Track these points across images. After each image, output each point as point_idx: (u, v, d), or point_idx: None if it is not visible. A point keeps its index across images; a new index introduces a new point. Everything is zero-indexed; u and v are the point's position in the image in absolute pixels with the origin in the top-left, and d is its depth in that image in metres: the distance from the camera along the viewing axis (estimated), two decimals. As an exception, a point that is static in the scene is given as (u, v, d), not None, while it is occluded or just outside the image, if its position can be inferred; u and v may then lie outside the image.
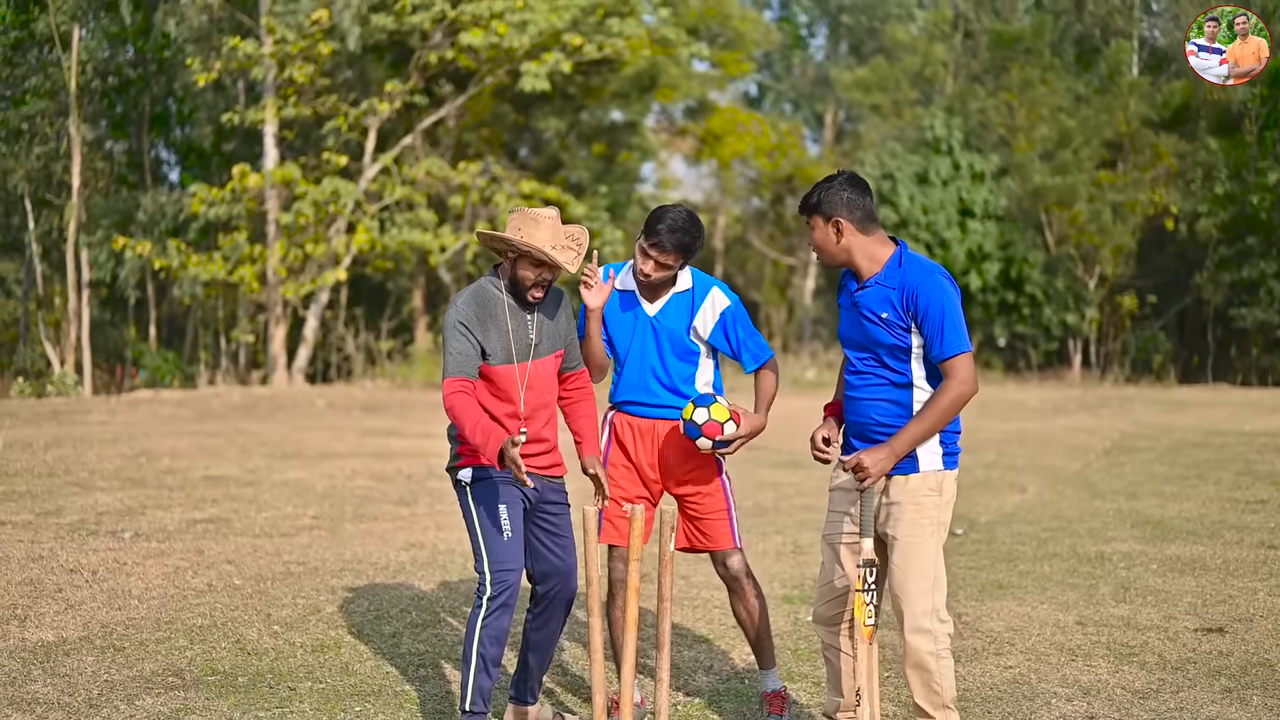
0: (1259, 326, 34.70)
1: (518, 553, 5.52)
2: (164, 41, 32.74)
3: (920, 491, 5.14)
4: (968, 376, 5.04)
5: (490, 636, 5.47)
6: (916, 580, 5.10)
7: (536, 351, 5.61)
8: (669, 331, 5.89)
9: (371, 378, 31.89)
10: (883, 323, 5.12)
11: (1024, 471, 15.08)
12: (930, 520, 5.14)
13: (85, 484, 12.65)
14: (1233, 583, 8.59)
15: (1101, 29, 40.41)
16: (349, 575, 8.76)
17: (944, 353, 5.05)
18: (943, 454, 5.17)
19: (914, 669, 5.12)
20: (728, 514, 5.98)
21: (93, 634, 7.12)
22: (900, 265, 5.15)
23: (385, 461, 15.47)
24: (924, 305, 5.05)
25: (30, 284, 34.01)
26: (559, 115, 35.21)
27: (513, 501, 5.56)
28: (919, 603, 5.10)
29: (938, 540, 5.16)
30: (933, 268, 5.15)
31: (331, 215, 29.94)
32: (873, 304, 5.15)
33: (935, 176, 36.99)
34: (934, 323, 5.05)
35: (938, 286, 5.07)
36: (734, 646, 7.19)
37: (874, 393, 5.22)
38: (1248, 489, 13.13)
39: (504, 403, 5.60)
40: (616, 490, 5.95)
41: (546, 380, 5.69)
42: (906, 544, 5.13)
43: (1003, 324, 37.64)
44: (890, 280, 5.13)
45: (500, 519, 5.53)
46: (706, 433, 5.66)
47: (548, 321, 5.67)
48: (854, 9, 48.92)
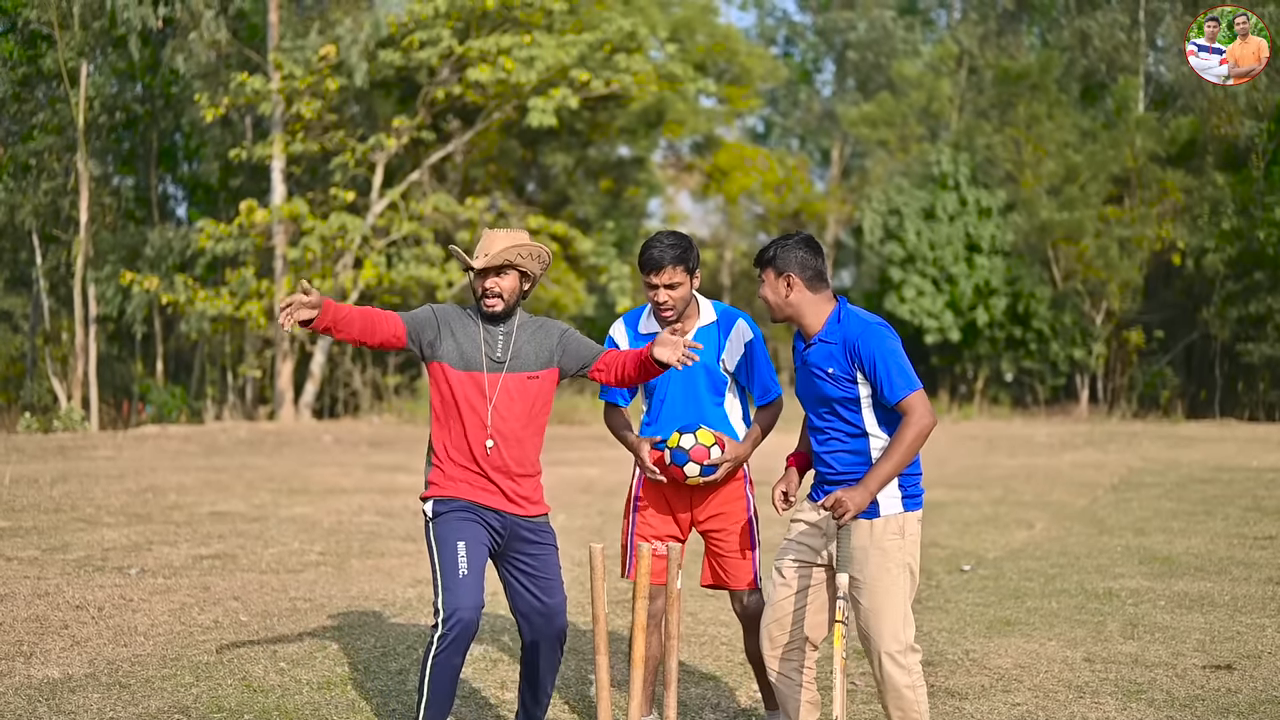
0: (1266, 362, 34.66)
1: (473, 591, 5.43)
2: (172, 77, 32.90)
3: (884, 536, 5.36)
4: (924, 411, 5.26)
5: (440, 674, 5.41)
6: (889, 620, 5.33)
7: (499, 366, 5.65)
8: (701, 368, 5.95)
9: (378, 413, 31.92)
10: (830, 378, 5.37)
11: (1031, 507, 15.05)
12: (895, 563, 5.36)
13: (91, 520, 12.65)
14: (1241, 619, 8.55)
15: (1108, 65, 40.50)
16: (355, 612, 8.74)
17: (896, 395, 5.28)
18: (902, 497, 5.40)
19: (892, 700, 5.34)
20: (750, 553, 5.99)
21: (99, 671, 7.11)
22: (840, 321, 5.42)
23: (392, 497, 15.45)
24: (867, 355, 5.30)
25: (38, 319, 34.08)
26: (566, 151, 35.33)
27: (472, 539, 5.53)
28: (894, 640, 5.33)
29: (906, 580, 5.38)
30: (870, 319, 5.40)
31: (339, 250, 30.02)
32: (819, 360, 5.41)
33: (942, 211, 37.04)
34: (880, 370, 5.29)
35: (876, 335, 5.32)
36: (741, 684, 7.17)
37: (833, 445, 5.46)
38: (1255, 525, 13.10)
39: (472, 413, 5.62)
40: (647, 529, 6.03)
41: (520, 401, 5.68)
42: (876, 587, 5.35)
43: (1010, 359, 37.63)
44: (832, 336, 5.40)
45: (458, 556, 5.47)
46: (694, 457, 5.71)
47: (526, 343, 5.70)
48: (860, 45, 49.05)
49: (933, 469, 19.92)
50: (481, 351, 5.64)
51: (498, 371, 5.64)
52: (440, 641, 5.39)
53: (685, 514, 6.02)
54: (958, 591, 9.73)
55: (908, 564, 5.36)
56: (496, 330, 5.68)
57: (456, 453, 5.66)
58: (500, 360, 5.65)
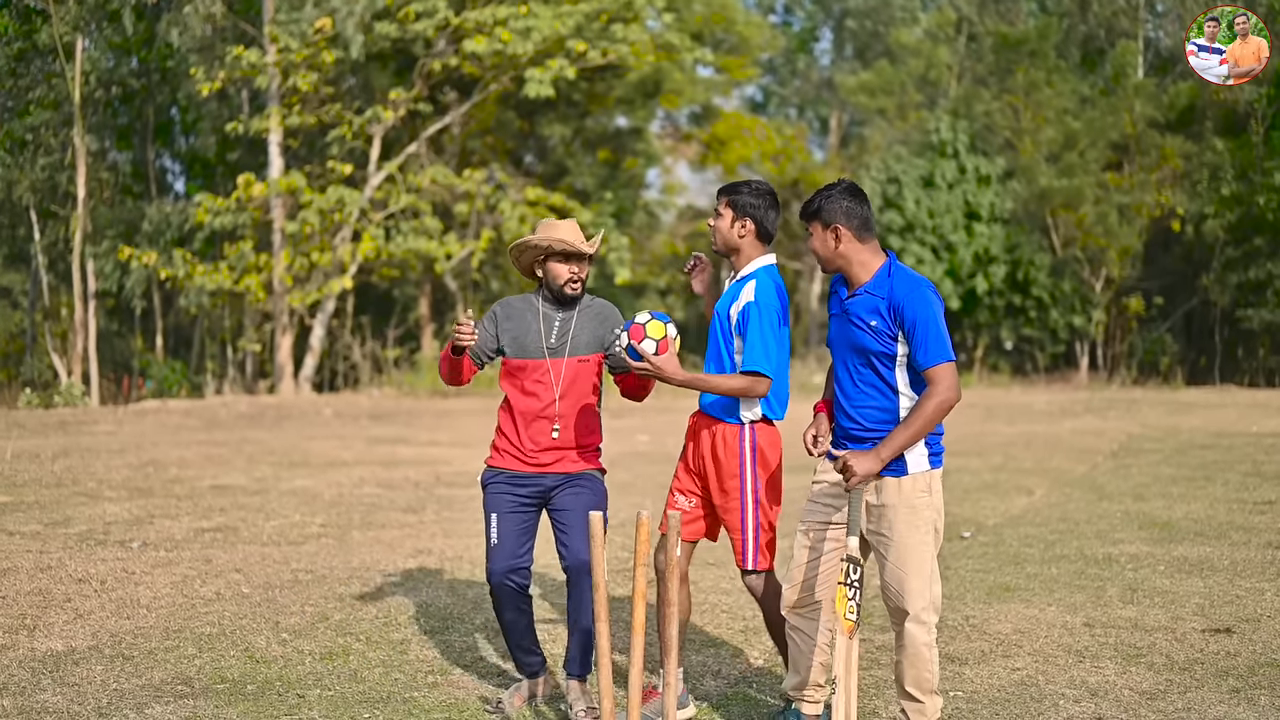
0: (1266, 327, 34.65)
1: (502, 556, 6.04)
2: (167, 51, 32.81)
3: (913, 494, 5.30)
4: (951, 384, 5.19)
5: (502, 625, 6.18)
6: (916, 577, 5.27)
7: (557, 352, 6.06)
8: (720, 318, 5.94)
9: (378, 386, 31.92)
10: (871, 330, 5.27)
11: (1031, 474, 15.06)
12: (924, 520, 5.31)
13: (93, 494, 12.67)
14: (1240, 583, 8.57)
15: (1106, 31, 40.40)
16: (357, 583, 8.76)
17: (928, 361, 5.19)
18: (929, 454, 5.36)
19: (909, 657, 5.29)
20: (743, 534, 5.89)
21: (101, 643, 7.13)
22: (889, 275, 5.31)
23: (392, 469, 15.47)
24: (910, 316, 5.20)
25: (36, 295, 34.07)
26: (564, 122, 35.25)
27: (504, 509, 6.09)
28: (919, 599, 5.27)
29: (932, 539, 5.33)
30: (920, 280, 5.30)
31: (337, 224, 29.98)
32: (862, 311, 5.30)
33: (941, 180, 36.99)
34: (919, 333, 5.19)
35: (924, 299, 5.22)
36: (741, 651, 7.19)
37: (862, 399, 5.37)
38: (1255, 490, 13.11)
39: (533, 399, 6.08)
40: (677, 484, 6.11)
41: (578, 382, 6.09)
42: (904, 544, 5.29)
43: (1009, 327, 37.63)
44: (879, 290, 5.28)
45: (491, 526, 6.09)
46: (631, 334, 5.66)
47: (582, 329, 6.12)
48: (858, 13, 48.92)
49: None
50: (539, 340, 6.09)
51: (543, 357, 6.08)
52: (492, 599, 6.14)
53: (701, 480, 6.01)
54: (958, 558, 9.75)
55: (934, 521, 5.33)
56: (555, 316, 6.12)
57: (511, 431, 6.16)
58: (556, 347, 6.08)
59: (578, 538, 5.96)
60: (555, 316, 6.08)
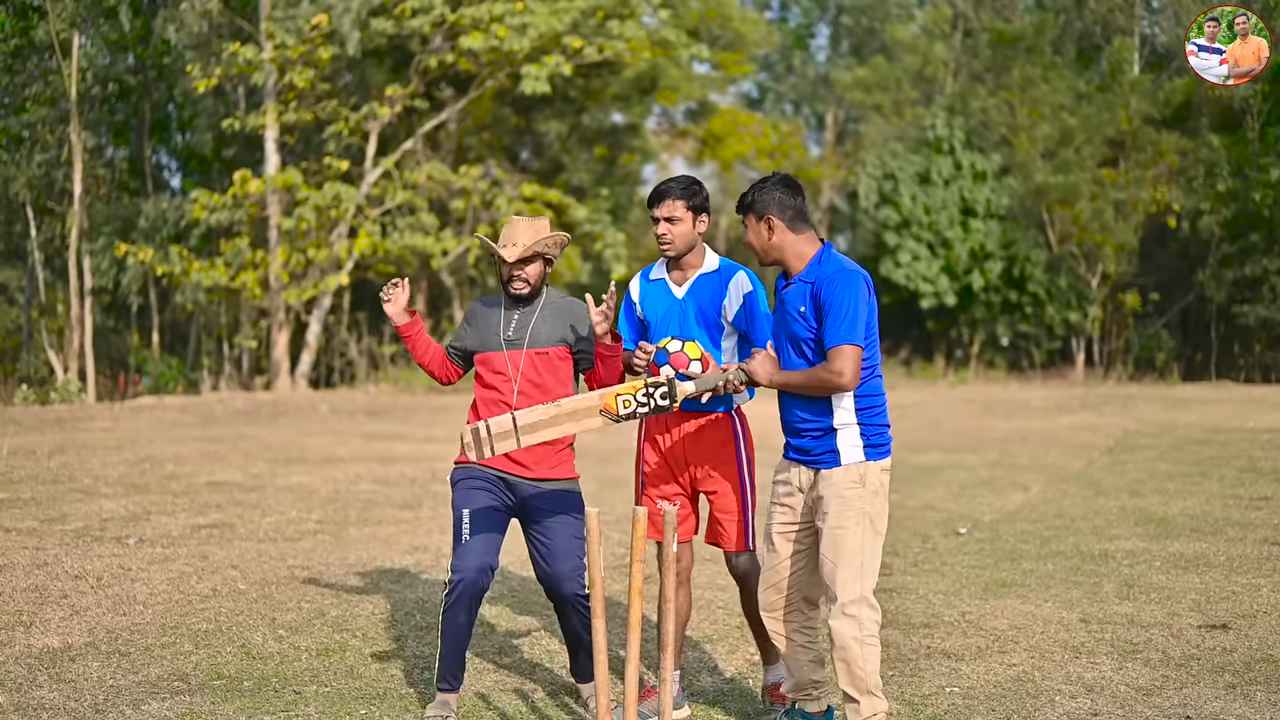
0: (1262, 323, 34.66)
1: (474, 555, 5.81)
2: (164, 48, 32.76)
3: (843, 485, 5.32)
4: (843, 369, 5.17)
5: (449, 628, 5.82)
6: (845, 568, 5.29)
7: (515, 344, 6.02)
8: (697, 309, 5.98)
9: (374, 382, 31.91)
10: (800, 317, 5.33)
11: (1027, 470, 15.08)
12: (854, 511, 5.30)
13: (89, 490, 12.67)
14: (1236, 579, 8.59)
15: (1102, 27, 40.40)
16: (353, 579, 8.77)
17: (830, 341, 5.20)
18: (864, 446, 5.34)
19: (839, 653, 5.28)
20: (742, 515, 5.99)
21: (98, 640, 7.13)
22: (820, 262, 5.36)
23: (389, 466, 15.48)
24: (826, 298, 5.23)
25: (33, 291, 34.02)
26: (560, 118, 35.22)
27: (475, 506, 5.90)
28: (848, 590, 5.28)
29: (864, 530, 5.31)
30: (850, 270, 5.31)
31: (333, 220, 29.95)
32: (794, 300, 5.36)
33: (937, 176, 37.00)
34: (830, 315, 5.21)
35: (846, 284, 5.23)
36: (737, 647, 7.19)
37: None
38: (1251, 486, 13.13)
39: (493, 391, 6.03)
40: (653, 489, 6.09)
41: (540, 376, 6.01)
42: (833, 534, 5.31)
43: (1006, 323, 37.65)
44: (809, 276, 5.34)
45: (462, 523, 5.88)
46: (674, 363, 5.72)
47: (543, 322, 6.04)
48: (853, 9, 48.90)
49: (928, 432, 19.96)
50: (498, 332, 6.07)
51: (515, 349, 6.03)
52: (447, 599, 5.82)
53: (684, 474, 6.03)
54: (953, 554, 9.76)
55: (867, 513, 5.30)
56: (515, 311, 6.10)
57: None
58: (514, 339, 6.04)
59: (563, 564, 5.91)
60: (515, 311, 6.10)
